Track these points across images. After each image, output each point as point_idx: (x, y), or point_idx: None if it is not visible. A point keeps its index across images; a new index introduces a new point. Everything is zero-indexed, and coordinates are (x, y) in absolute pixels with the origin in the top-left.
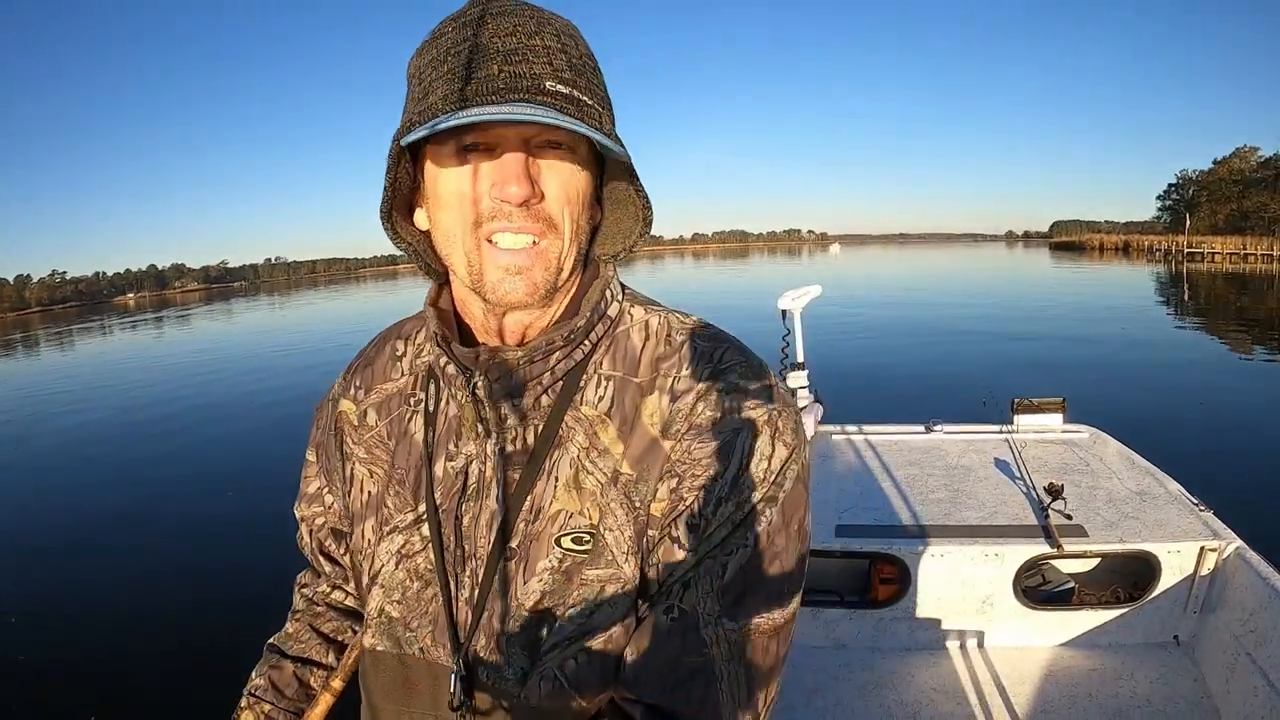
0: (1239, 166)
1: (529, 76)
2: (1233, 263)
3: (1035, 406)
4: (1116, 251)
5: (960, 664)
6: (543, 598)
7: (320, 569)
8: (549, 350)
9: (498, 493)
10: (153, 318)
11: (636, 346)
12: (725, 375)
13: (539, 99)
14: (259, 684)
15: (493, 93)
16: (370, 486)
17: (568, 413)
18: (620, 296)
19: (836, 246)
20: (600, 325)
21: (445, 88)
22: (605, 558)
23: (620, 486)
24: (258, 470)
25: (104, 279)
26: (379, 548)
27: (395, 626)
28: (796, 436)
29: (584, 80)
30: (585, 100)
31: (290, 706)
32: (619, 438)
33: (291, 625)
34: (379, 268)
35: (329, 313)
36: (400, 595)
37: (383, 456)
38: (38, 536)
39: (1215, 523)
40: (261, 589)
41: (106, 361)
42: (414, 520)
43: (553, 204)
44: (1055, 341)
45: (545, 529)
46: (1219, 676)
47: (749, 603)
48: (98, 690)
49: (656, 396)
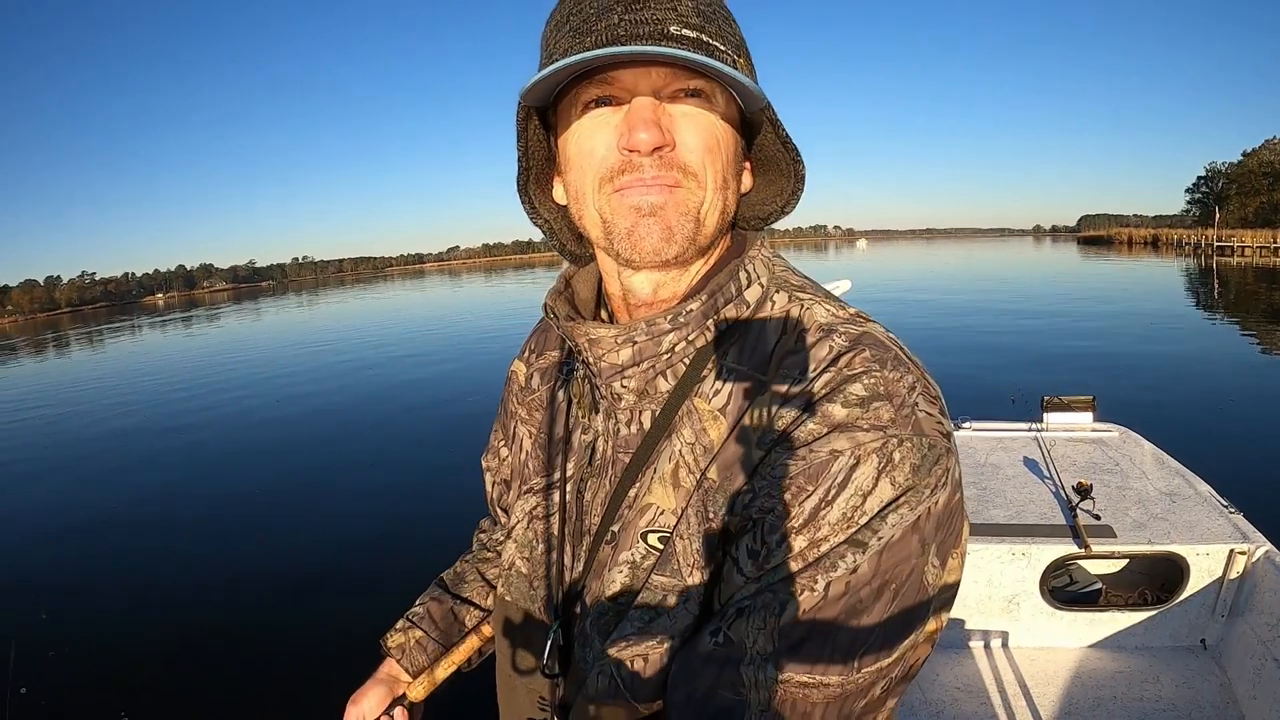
0: (1269, 159)
1: (651, 21)
2: (1263, 256)
3: (1065, 405)
4: (1145, 245)
5: (985, 663)
6: (621, 592)
7: (497, 517)
8: (657, 330)
9: (611, 474)
10: (183, 317)
11: (770, 340)
12: (846, 386)
13: (664, 44)
14: (418, 611)
15: (613, 40)
16: (527, 446)
17: (684, 402)
18: (764, 279)
19: (863, 242)
20: (733, 308)
21: (567, 43)
22: (672, 565)
23: (701, 493)
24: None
25: (133, 279)
26: (517, 505)
27: (520, 581)
28: (919, 477)
29: (713, 26)
30: (715, 44)
31: (441, 638)
32: (725, 438)
33: (460, 565)
34: (405, 266)
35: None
36: (529, 554)
37: (538, 419)
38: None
39: (1245, 525)
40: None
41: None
42: (547, 485)
43: (689, 152)
44: (1084, 337)
45: (635, 521)
46: (1246, 682)
47: (804, 656)
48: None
49: (768, 398)
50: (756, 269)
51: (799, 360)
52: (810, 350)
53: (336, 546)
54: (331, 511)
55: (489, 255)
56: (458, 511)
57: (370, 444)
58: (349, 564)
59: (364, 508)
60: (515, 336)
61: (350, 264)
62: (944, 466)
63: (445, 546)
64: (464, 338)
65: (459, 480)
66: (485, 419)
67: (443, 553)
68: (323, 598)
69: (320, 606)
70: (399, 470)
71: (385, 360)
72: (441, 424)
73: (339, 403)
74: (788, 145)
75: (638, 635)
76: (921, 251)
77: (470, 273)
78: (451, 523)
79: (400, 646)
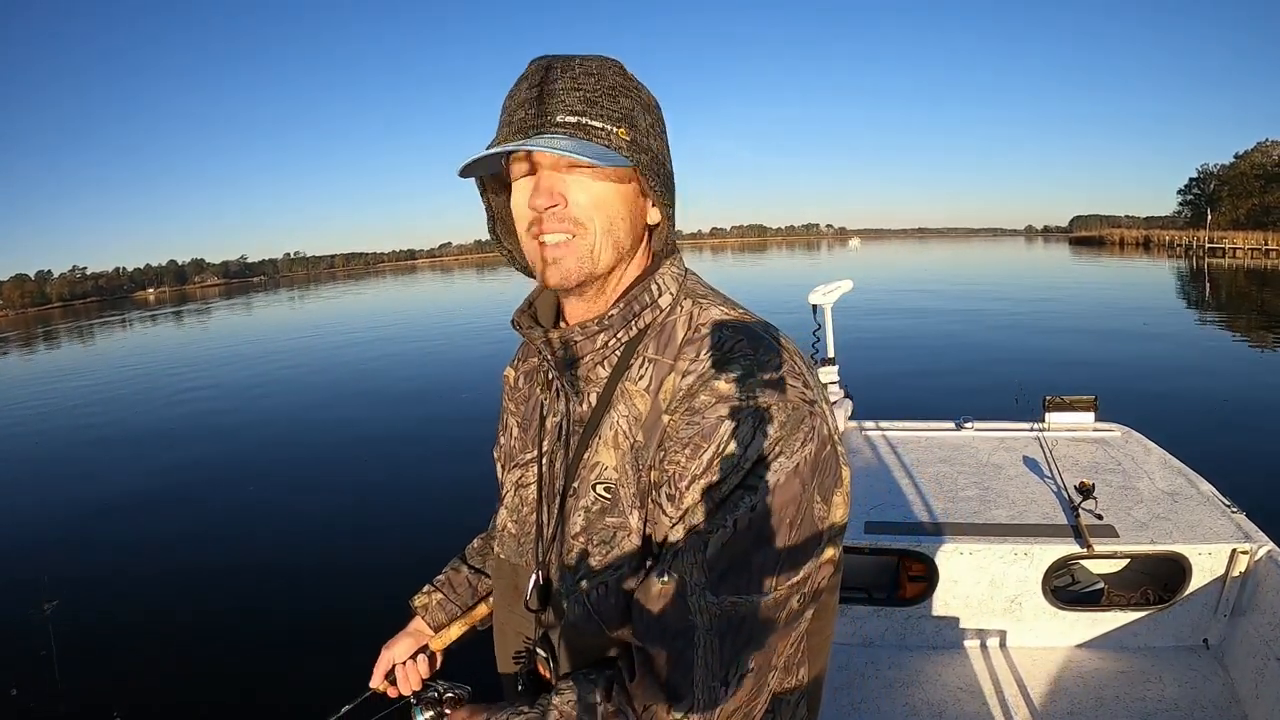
0: (1260, 161)
1: (545, 114)
2: (1254, 258)
3: (1067, 404)
4: (1137, 246)
5: (987, 663)
6: (581, 532)
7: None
8: (589, 332)
9: (572, 444)
10: (174, 312)
11: (679, 334)
12: (729, 363)
13: (549, 131)
14: (440, 578)
15: (522, 130)
16: (515, 432)
17: (619, 384)
18: (674, 290)
19: (856, 241)
20: (649, 313)
21: (498, 131)
22: (619, 508)
23: (633, 451)
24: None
25: (124, 274)
26: (506, 477)
27: (510, 540)
28: (788, 430)
29: (595, 109)
30: (593, 124)
31: (458, 601)
32: (649, 409)
33: (478, 540)
34: (397, 262)
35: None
36: (516, 516)
37: (522, 410)
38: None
39: (1248, 524)
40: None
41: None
42: (530, 460)
43: (578, 209)
44: (1084, 337)
45: (588, 476)
46: (1249, 682)
47: (731, 581)
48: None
49: (673, 377)
50: (666, 282)
51: (694, 348)
52: (703, 340)
53: (337, 539)
54: (332, 505)
55: (481, 251)
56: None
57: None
58: (351, 552)
59: (373, 496)
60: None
61: (342, 260)
62: (809, 425)
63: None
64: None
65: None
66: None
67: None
68: (315, 589)
69: (310, 597)
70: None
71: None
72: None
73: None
74: (653, 189)
75: (600, 567)
76: (915, 250)
77: (462, 269)
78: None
79: (424, 606)
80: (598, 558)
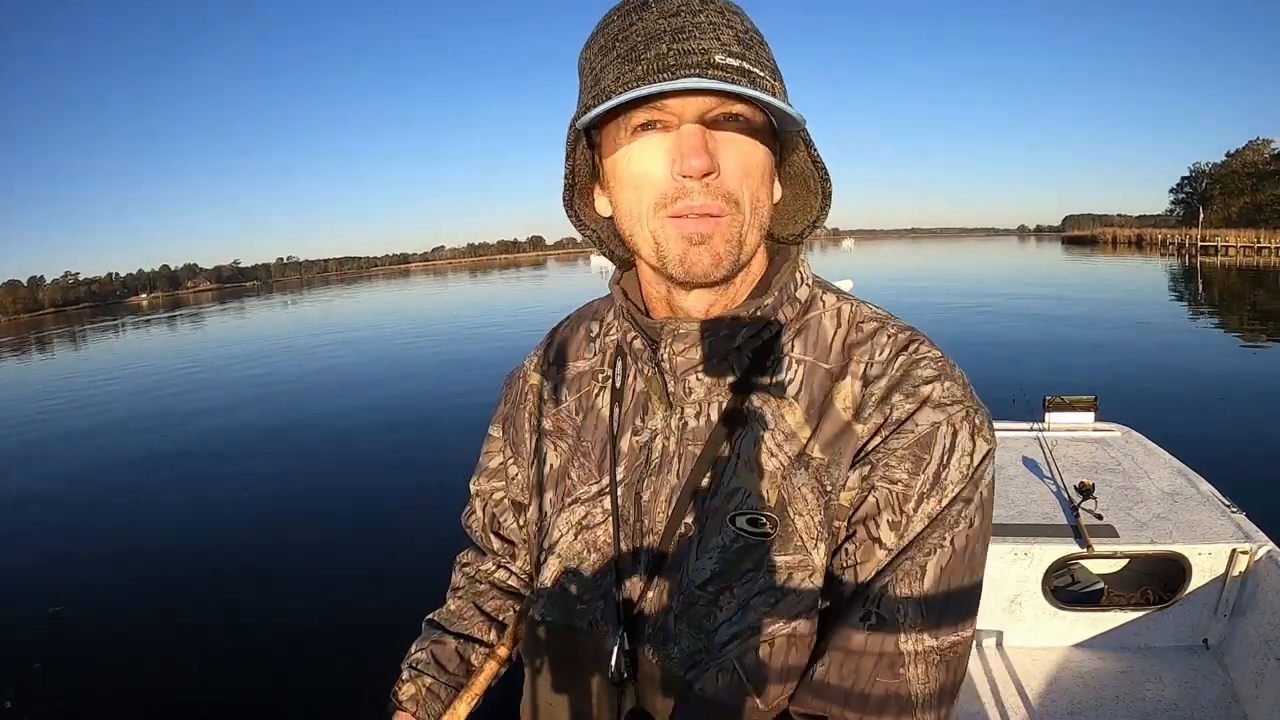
0: (1252, 159)
1: (698, 52)
2: (1246, 256)
3: (1067, 404)
4: (1130, 245)
5: (988, 663)
6: (713, 577)
7: (488, 546)
8: (734, 327)
9: (679, 467)
10: (167, 317)
11: (829, 332)
12: (920, 366)
13: (710, 73)
14: (420, 657)
15: (664, 70)
16: (554, 459)
17: (754, 393)
18: (810, 281)
19: (850, 241)
20: (789, 308)
21: (616, 70)
22: (794, 543)
23: (811, 471)
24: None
25: (117, 279)
26: (558, 519)
27: (567, 598)
28: (994, 437)
29: (752, 53)
30: (755, 71)
31: (451, 681)
32: (806, 421)
33: (454, 603)
34: (390, 266)
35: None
36: (577, 566)
37: (569, 431)
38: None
39: (1247, 524)
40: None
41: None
42: (597, 493)
43: (730, 178)
44: (1082, 336)
45: (721, 506)
46: (1248, 681)
47: (952, 615)
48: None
49: (849, 382)
50: (805, 271)
51: (867, 349)
52: (873, 340)
53: (337, 539)
54: (333, 506)
55: (474, 255)
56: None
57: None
58: (351, 553)
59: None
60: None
61: (335, 264)
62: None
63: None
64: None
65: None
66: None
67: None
68: (321, 593)
69: (317, 601)
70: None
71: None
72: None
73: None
74: (818, 164)
75: (760, 621)
76: (909, 251)
77: (455, 272)
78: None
79: (413, 698)
80: (759, 611)
